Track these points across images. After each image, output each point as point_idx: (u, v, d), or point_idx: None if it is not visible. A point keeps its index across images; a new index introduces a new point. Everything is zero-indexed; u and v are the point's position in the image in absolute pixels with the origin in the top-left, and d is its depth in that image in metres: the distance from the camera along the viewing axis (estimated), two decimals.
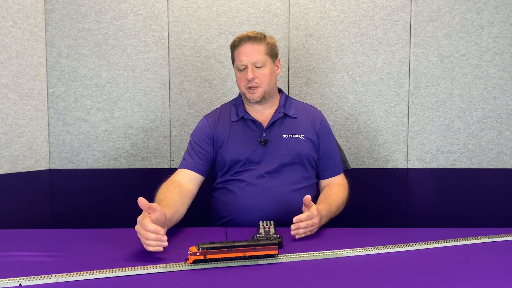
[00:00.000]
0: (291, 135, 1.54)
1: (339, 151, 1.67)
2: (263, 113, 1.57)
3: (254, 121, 1.54)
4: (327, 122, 1.65)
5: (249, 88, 1.50)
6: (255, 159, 1.50)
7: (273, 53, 1.53)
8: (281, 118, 1.56)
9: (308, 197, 1.25)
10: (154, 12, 2.10)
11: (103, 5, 2.09)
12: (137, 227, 1.07)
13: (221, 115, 1.59)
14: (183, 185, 1.42)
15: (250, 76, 1.47)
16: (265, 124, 1.54)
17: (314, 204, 1.28)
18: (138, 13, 2.10)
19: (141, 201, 1.05)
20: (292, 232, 1.22)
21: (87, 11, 2.09)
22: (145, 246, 1.05)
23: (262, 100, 1.53)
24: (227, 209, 1.51)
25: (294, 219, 1.21)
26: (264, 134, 1.52)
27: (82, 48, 2.10)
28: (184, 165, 1.51)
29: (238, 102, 1.60)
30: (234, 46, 1.52)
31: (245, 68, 1.50)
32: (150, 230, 1.03)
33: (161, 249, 1.05)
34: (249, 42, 1.49)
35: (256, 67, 1.49)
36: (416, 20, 2.11)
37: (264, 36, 1.52)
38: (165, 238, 1.04)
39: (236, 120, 1.56)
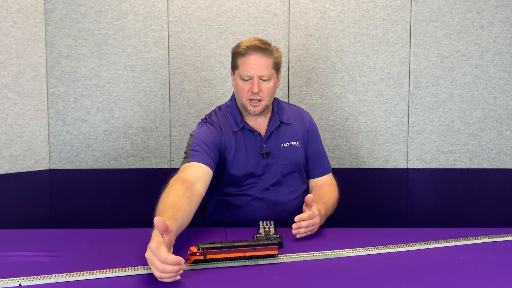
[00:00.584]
0: (288, 143, 1.53)
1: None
2: (258, 121, 1.53)
3: (252, 131, 1.50)
4: (315, 123, 1.65)
5: (251, 100, 1.45)
6: (258, 173, 1.49)
7: (278, 67, 1.49)
8: (277, 126, 1.53)
9: (310, 196, 1.26)
10: (154, 12, 2.10)
11: (103, 5, 2.09)
12: (149, 255, 0.91)
13: (222, 124, 1.50)
14: (194, 187, 1.26)
15: (256, 89, 1.42)
16: (263, 134, 1.51)
17: (315, 204, 1.29)
18: (138, 13, 2.10)
19: (159, 221, 0.93)
20: (294, 231, 1.22)
21: (87, 11, 2.08)
22: (157, 277, 0.91)
23: (261, 113, 1.49)
24: (231, 221, 1.49)
25: (296, 218, 1.22)
26: (263, 146, 1.50)
27: (82, 48, 2.10)
28: (194, 158, 1.35)
29: (234, 110, 1.53)
30: (241, 53, 1.43)
31: (249, 79, 1.44)
32: (171, 262, 0.89)
33: (178, 278, 0.92)
34: (258, 53, 1.41)
35: (262, 79, 1.44)
36: (416, 20, 2.11)
37: (272, 48, 1.46)
38: (184, 267, 0.93)
39: (236, 131, 1.50)
